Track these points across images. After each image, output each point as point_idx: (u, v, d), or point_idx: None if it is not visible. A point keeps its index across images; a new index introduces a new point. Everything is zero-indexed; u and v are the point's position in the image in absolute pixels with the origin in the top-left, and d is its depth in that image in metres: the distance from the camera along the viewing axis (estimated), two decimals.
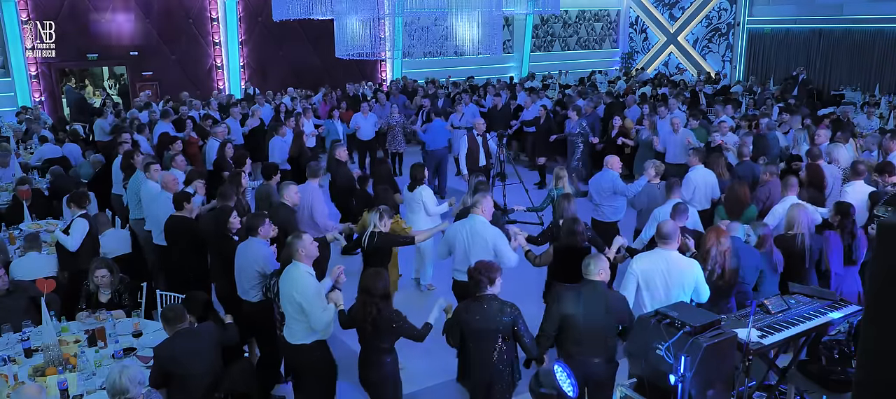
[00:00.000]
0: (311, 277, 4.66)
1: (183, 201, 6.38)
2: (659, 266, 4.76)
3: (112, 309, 5.61)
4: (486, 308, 4.32)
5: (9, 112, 14.31)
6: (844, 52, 18.22)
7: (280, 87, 16.75)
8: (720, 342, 3.85)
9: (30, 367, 4.79)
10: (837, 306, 4.82)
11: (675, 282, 4.72)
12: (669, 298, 4.66)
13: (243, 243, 5.51)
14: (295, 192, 6.54)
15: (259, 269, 5.32)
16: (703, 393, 3.84)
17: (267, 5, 14.66)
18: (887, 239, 2.55)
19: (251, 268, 5.35)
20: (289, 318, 4.69)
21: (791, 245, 5.69)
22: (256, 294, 5.39)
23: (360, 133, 12.36)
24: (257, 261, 5.32)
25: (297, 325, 4.65)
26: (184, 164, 8.12)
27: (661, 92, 16.23)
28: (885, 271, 2.56)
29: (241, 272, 5.45)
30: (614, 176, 7.30)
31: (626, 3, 23.11)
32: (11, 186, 8.93)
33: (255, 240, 5.40)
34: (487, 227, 5.57)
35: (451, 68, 19.27)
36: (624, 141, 10.81)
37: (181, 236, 6.34)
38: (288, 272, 4.69)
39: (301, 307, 4.54)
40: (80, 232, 6.39)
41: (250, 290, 5.41)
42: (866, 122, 11.90)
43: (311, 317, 4.53)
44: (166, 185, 6.86)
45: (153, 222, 6.99)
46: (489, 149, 9.99)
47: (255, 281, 5.36)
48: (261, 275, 5.33)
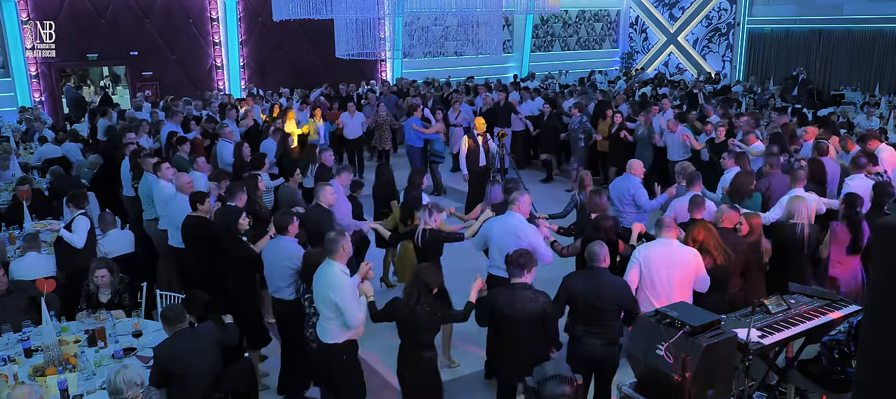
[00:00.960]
0: (347, 276, 4.65)
1: (198, 202, 6.34)
2: (663, 257, 4.97)
3: (112, 309, 5.61)
4: (518, 295, 4.48)
5: (9, 112, 14.33)
6: (844, 52, 18.22)
7: (280, 87, 16.76)
8: (720, 342, 3.85)
9: (30, 367, 4.79)
10: (837, 306, 4.82)
11: (679, 272, 4.95)
12: (671, 282, 4.91)
13: (272, 242, 5.54)
14: (330, 194, 6.44)
15: (293, 266, 5.30)
16: (703, 393, 3.84)
17: (267, 5, 14.66)
18: (887, 239, 2.55)
19: (283, 265, 5.34)
20: (323, 317, 4.67)
21: (789, 234, 5.84)
22: (291, 292, 5.37)
23: (347, 132, 12.32)
24: (290, 258, 5.31)
25: (331, 324, 4.64)
26: (205, 165, 8.03)
27: (662, 92, 16.24)
28: (885, 271, 2.56)
29: (272, 270, 5.43)
30: (637, 183, 7.24)
31: (626, 3, 23.12)
32: (11, 186, 8.93)
33: (285, 238, 5.40)
34: (524, 225, 5.66)
35: (451, 68, 19.27)
36: (625, 134, 10.83)
37: (198, 237, 6.29)
38: (322, 272, 4.67)
39: (336, 306, 4.54)
40: (83, 229, 6.40)
41: (285, 288, 5.39)
42: (866, 122, 11.91)
43: (347, 315, 4.52)
44: (181, 187, 6.80)
45: (168, 223, 6.91)
46: (489, 149, 9.98)
47: (289, 279, 5.34)
48: (295, 272, 5.31)
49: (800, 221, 5.83)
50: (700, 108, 12.03)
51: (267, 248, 5.57)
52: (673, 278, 4.94)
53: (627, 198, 7.13)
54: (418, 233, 5.87)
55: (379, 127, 12.45)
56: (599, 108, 12.39)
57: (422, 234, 5.84)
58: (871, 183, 6.93)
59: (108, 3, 15.79)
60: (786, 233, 5.89)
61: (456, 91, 15.95)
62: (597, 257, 4.66)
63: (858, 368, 3.01)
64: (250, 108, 12.87)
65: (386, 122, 12.49)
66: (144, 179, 7.71)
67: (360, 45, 10.93)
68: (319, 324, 4.73)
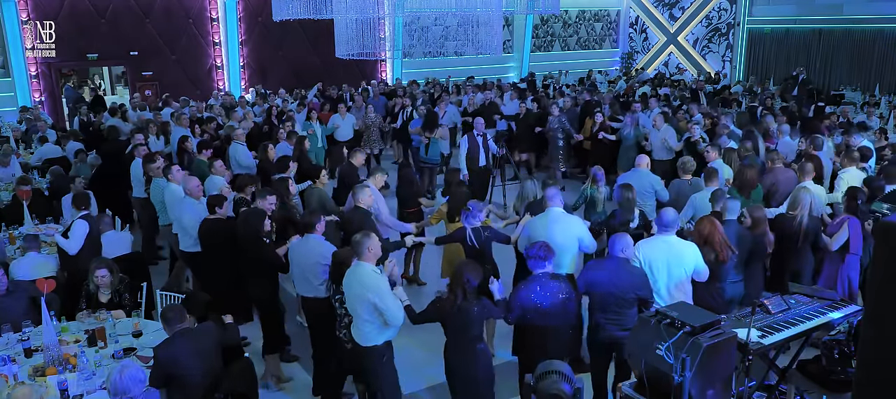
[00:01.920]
0: (380, 275, 4.62)
1: (216, 205, 6.27)
2: (661, 249, 5.08)
3: (112, 309, 5.61)
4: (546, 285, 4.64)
5: (9, 112, 14.33)
6: (844, 52, 18.22)
7: (280, 87, 16.77)
8: (720, 342, 3.85)
9: (30, 367, 4.79)
10: (837, 306, 4.82)
11: (675, 262, 5.05)
12: (671, 277, 5.04)
13: (300, 241, 5.51)
14: (369, 195, 6.37)
15: (324, 262, 5.26)
16: (703, 393, 3.84)
17: (267, 5, 14.64)
18: (887, 239, 2.55)
19: (314, 263, 5.32)
20: (360, 320, 4.60)
21: (788, 225, 5.94)
22: (324, 289, 5.33)
23: (339, 133, 12.18)
24: (322, 255, 5.28)
25: (370, 326, 4.58)
26: (223, 168, 7.92)
27: (662, 92, 16.25)
28: (885, 271, 2.56)
29: (302, 270, 5.41)
30: (656, 178, 7.50)
31: (626, 3, 23.11)
32: (11, 186, 8.93)
33: (313, 236, 5.40)
34: (569, 217, 5.79)
35: (451, 68, 19.27)
36: (604, 135, 11.12)
37: (217, 239, 6.21)
38: (354, 274, 4.61)
39: (375, 306, 4.49)
40: (79, 235, 6.36)
41: (319, 286, 5.35)
42: (866, 122, 11.91)
43: (388, 314, 4.48)
44: (190, 191, 6.70)
45: (178, 226, 6.78)
46: (489, 149, 9.98)
47: (321, 277, 5.31)
48: (326, 268, 5.26)
49: (800, 212, 5.90)
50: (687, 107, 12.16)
51: (295, 248, 5.53)
52: (672, 272, 5.04)
53: (649, 191, 7.31)
54: (468, 233, 5.82)
55: (368, 129, 12.37)
56: (586, 108, 12.66)
57: (475, 234, 5.81)
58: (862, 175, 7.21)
59: (108, 3, 15.79)
60: (784, 224, 5.97)
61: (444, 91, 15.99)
62: (615, 247, 4.83)
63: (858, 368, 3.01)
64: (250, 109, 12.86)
65: (374, 124, 12.44)
66: (155, 184, 7.61)
67: (360, 45, 10.93)
68: (355, 326, 4.67)
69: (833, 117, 11.56)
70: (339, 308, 4.98)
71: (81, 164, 9.65)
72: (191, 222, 6.49)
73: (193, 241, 6.53)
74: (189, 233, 6.55)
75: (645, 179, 7.37)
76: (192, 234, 6.51)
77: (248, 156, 9.28)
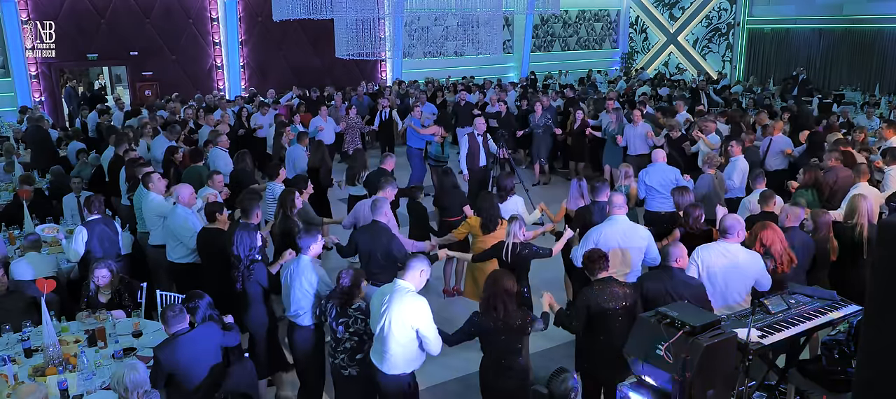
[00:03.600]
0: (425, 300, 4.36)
1: (216, 212, 6.00)
2: (721, 260, 4.90)
3: (112, 309, 5.61)
4: (609, 291, 4.50)
5: (9, 112, 14.32)
6: (844, 52, 18.22)
7: (280, 87, 16.76)
8: (720, 342, 3.85)
9: (30, 367, 4.79)
10: (837, 306, 4.82)
11: (735, 275, 4.88)
12: (728, 289, 4.89)
13: (293, 262, 5.10)
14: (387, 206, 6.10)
15: (315, 290, 4.95)
16: (703, 393, 3.84)
17: (267, 5, 14.64)
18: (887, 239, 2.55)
19: (305, 289, 4.94)
20: (393, 345, 4.26)
21: (849, 235, 5.69)
22: (310, 318, 5.00)
23: (322, 136, 11.60)
24: (312, 283, 4.93)
25: (403, 352, 4.29)
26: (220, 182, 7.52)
27: (662, 92, 16.26)
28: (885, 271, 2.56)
29: (292, 293, 4.99)
30: (677, 171, 7.58)
31: (626, 3, 23.11)
32: (12, 186, 8.93)
33: (307, 259, 5.00)
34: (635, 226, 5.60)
35: (451, 68, 19.28)
36: (591, 131, 11.33)
37: (215, 251, 5.88)
38: (398, 297, 4.28)
39: (417, 333, 4.25)
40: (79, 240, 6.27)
41: (303, 315, 4.99)
42: (866, 121, 11.91)
43: (431, 342, 4.28)
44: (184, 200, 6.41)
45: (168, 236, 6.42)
46: (489, 149, 9.98)
47: (310, 304, 4.97)
48: (317, 297, 4.95)
49: (860, 222, 5.66)
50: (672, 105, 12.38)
51: (286, 270, 5.11)
52: (730, 282, 4.88)
53: (672, 184, 7.34)
54: (507, 248, 5.51)
55: (349, 130, 12.19)
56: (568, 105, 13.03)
57: (511, 249, 5.49)
58: None
59: (108, 3, 15.78)
60: (845, 234, 5.72)
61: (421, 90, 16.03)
62: (670, 257, 4.69)
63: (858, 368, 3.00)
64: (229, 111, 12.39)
65: (355, 126, 12.31)
66: (139, 191, 7.20)
67: (359, 45, 10.93)
68: (385, 356, 4.33)
69: (833, 118, 11.55)
70: (342, 333, 4.60)
71: (82, 164, 9.65)
72: (186, 232, 6.23)
73: (187, 251, 6.30)
74: (184, 243, 6.28)
75: (668, 173, 7.47)
76: (187, 245, 6.27)
77: (229, 163, 8.74)
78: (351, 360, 4.62)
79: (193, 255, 6.29)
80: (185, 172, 8.11)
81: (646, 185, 7.50)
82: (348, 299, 4.58)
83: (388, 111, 12.92)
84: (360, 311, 4.60)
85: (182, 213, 6.33)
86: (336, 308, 4.63)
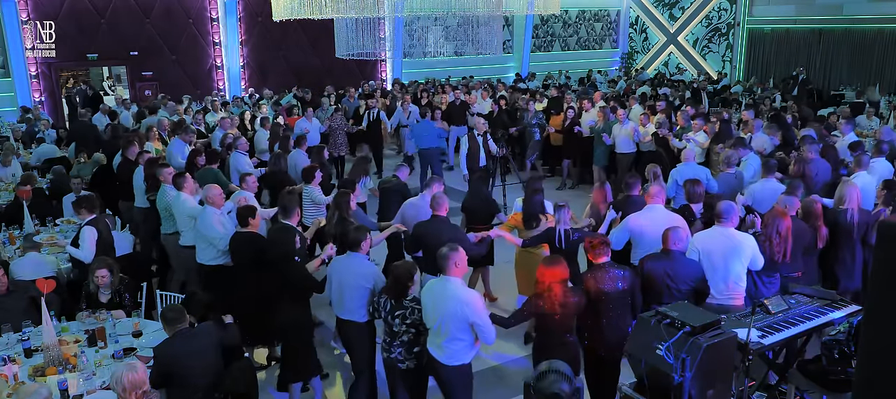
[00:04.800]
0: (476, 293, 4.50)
1: (248, 216, 5.90)
2: (717, 241, 5.17)
3: (112, 309, 5.61)
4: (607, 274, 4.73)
5: (9, 112, 14.32)
6: (844, 52, 18.23)
7: (280, 87, 16.76)
8: (720, 342, 3.85)
9: (30, 367, 4.79)
10: (837, 306, 4.82)
11: (731, 254, 5.13)
12: (728, 268, 5.13)
13: (342, 259, 5.13)
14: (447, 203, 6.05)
15: (369, 286, 4.94)
16: (703, 393, 3.84)
17: (267, 5, 14.64)
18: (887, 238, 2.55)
19: (358, 285, 4.95)
20: (450, 338, 4.41)
21: (840, 219, 6.02)
22: (364, 313, 5.02)
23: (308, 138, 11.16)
24: (366, 277, 4.95)
25: (459, 345, 4.43)
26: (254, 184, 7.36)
27: (662, 92, 16.26)
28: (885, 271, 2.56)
29: (344, 290, 5.01)
30: (708, 171, 7.78)
31: (626, 3, 23.11)
32: (12, 186, 8.93)
33: (358, 255, 5.02)
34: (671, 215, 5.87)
35: (451, 68, 19.27)
36: (579, 130, 11.44)
37: (247, 254, 5.85)
38: (445, 290, 4.42)
39: (472, 326, 4.37)
40: (91, 241, 6.24)
41: (358, 310, 5.00)
42: (866, 122, 11.92)
43: (486, 332, 4.40)
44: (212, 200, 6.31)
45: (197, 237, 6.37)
46: (490, 149, 9.99)
47: (364, 299, 4.97)
48: (371, 292, 4.95)
49: (850, 207, 5.98)
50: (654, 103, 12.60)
51: (337, 267, 5.11)
52: (730, 266, 5.12)
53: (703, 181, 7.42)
54: (559, 234, 5.76)
55: (332, 132, 12.02)
56: (553, 103, 13.16)
57: (563, 236, 5.75)
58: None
59: (108, 3, 15.79)
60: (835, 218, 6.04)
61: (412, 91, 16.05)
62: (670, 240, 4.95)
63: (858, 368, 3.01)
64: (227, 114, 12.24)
65: (340, 128, 12.10)
66: (162, 192, 7.20)
67: (359, 45, 10.92)
68: (439, 344, 4.48)
69: (832, 118, 11.56)
70: (398, 326, 4.64)
71: (82, 164, 9.64)
72: (216, 233, 6.15)
73: (217, 253, 6.21)
74: (214, 245, 6.20)
75: (699, 172, 7.62)
76: (217, 246, 6.18)
77: (250, 165, 8.88)
78: (408, 352, 4.68)
79: (224, 256, 6.22)
80: (199, 174, 7.96)
81: (677, 183, 7.62)
82: (403, 291, 4.63)
83: (376, 111, 12.68)
84: (415, 301, 4.64)
85: (211, 213, 6.26)
86: (390, 302, 4.67)
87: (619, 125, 10.47)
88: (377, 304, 4.83)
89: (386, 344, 4.79)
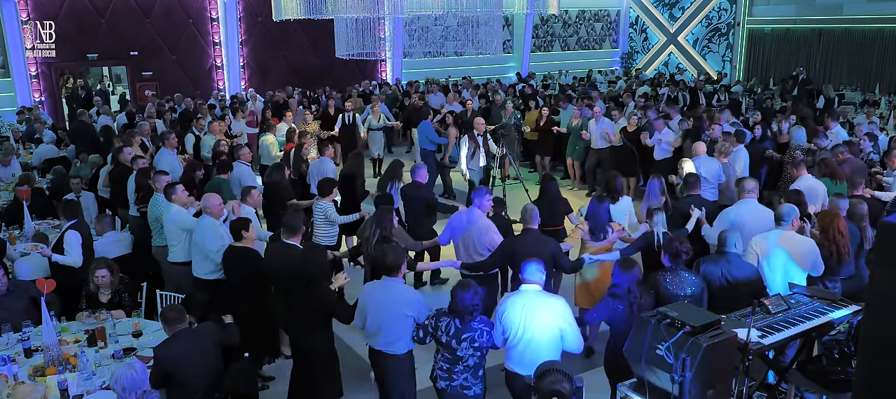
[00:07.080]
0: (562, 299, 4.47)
1: (242, 229, 5.58)
2: (778, 243, 5.18)
3: (112, 309, 5.61)
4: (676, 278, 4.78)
5: (9, 112, 14.33)
6: (844, 52, 18.24)
7: (280, 87, 16.76)
8: (720, 342, 3.85)
9: (30, 367, 4.79)
10: (837, 306, 4.82)
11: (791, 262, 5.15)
12: (788, 272, 5.15)
13: (377, 285, 4.69)
14: None
15: (412, 314, 4.51)
16: (703, 393, 3.84)
17: (267, 5, 14.64)
18: (887, 239, 2.55)
19: (400, 314, 4.50)
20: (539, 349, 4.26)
21: None
22: (403, 345, 4.60)
23: None
24: (408, 305, 4.51)
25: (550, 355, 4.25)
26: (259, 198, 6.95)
27: (662, 92, 16.26)
28: (886, 271, 2.56)
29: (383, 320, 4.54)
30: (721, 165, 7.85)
31: (626, 3, 23.11)
32: (12, 186, 8.93)
33: (396, 281, 4.58)
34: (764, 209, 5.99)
35: (451, 68, 19.28)
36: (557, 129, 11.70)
37: (241, 270, 5.58)
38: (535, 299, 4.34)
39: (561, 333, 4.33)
40: (75, 246, 6.13)
41: (397, 341, 4.57)
42: (866, 122, 11.88)
43: (574, 338, 4.37)
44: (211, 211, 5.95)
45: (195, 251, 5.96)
46: (489, 149, 9.98)
47: (406, 330, 4.55)
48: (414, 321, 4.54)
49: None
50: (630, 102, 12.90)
51: (373, 294, 4.64)
52: (790, 265, 5.13)
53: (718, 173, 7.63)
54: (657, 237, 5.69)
55: None
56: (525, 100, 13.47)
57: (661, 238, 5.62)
58: None
59: (108, 3, 15.79)
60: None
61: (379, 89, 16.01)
62: (728, 242, 4.98)
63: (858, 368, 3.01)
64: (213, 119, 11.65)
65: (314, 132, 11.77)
66: (154, 201, 6.79)
67: (359, 45, 10.93)
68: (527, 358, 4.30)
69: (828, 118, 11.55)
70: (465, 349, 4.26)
71: (82, 164, 9.64)
72: (214, 245, 5.79)
73: (215, 266, 5.84)
74: (211, 258, 5.82)
75: (714, 165, 7.70)
76: (214, 260, 5.82)
77: (253, 177, 8.34)
78: (475, 377, 4.38)
79: (221, 270, 5.84)
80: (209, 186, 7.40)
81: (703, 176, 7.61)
82: (473, 312, 4.27)
83: (351, 115, 12.31)
84: (484, 323, 4.33)
85: (210, 223, 5.88)
86: (455, 324, 4.28)
87: (594, 123, 10.74)
88: (435, 327, 4.39)
89: (443, 371, 4.42)
